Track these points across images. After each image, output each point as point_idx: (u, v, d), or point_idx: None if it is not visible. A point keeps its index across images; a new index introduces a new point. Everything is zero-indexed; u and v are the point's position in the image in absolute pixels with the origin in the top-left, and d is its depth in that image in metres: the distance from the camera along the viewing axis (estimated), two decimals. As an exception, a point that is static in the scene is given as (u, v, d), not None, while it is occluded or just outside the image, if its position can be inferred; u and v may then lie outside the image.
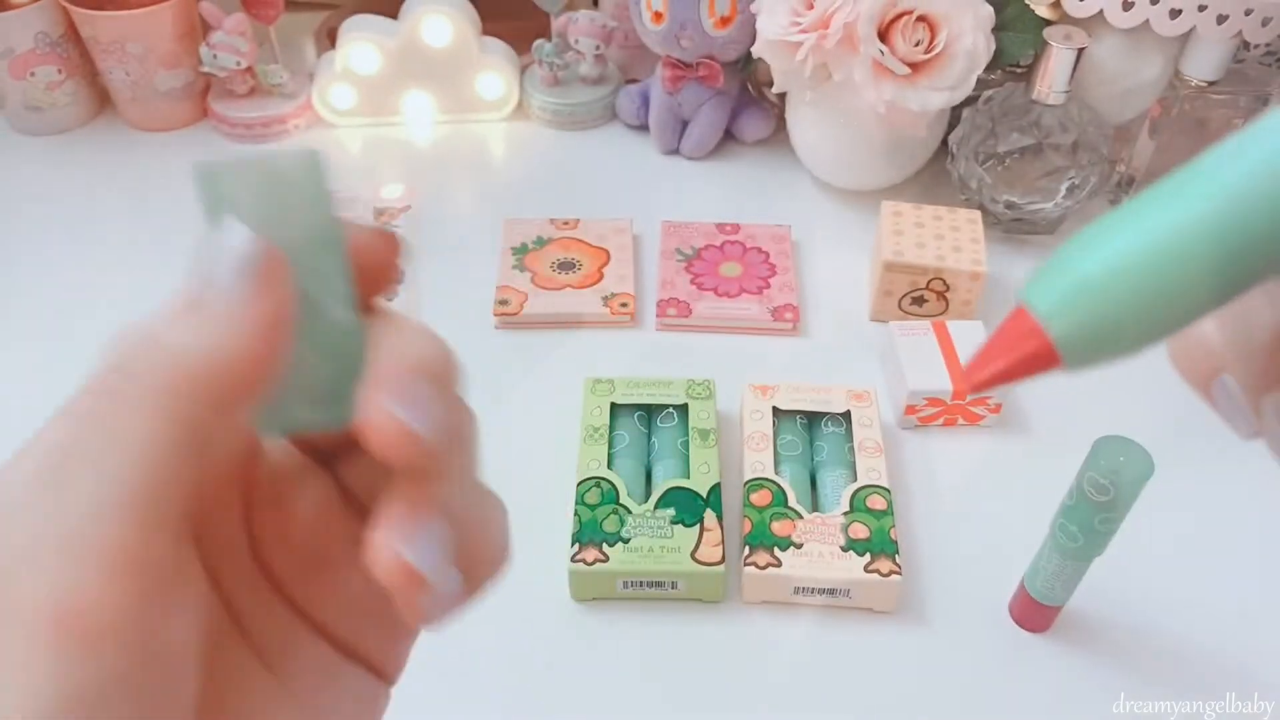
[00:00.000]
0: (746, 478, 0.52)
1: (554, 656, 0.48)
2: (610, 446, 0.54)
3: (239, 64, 0.77)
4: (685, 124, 0.77)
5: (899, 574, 0.48)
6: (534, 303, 0.64)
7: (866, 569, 0.48)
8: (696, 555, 0.49)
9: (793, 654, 0.48)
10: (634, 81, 0.81)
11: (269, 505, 0.20)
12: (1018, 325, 0.18)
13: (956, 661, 0.48)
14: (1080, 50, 0.63)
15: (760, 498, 0.51)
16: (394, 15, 0.77)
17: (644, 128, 0.80)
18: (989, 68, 0.65)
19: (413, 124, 0.81)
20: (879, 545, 0.49)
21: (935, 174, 0.73)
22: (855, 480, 0.52)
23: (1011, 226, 0.70)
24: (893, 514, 0.50)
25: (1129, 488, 0.40)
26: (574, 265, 0.67)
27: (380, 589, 0.18)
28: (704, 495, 0.51)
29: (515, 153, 0.80)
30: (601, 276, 0.66)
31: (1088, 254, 0.17)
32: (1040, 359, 0.18)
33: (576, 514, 0.50)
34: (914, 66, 0.63)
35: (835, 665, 0.48)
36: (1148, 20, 0.65)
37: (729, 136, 0.79)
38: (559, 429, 0.56)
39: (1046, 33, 0.64)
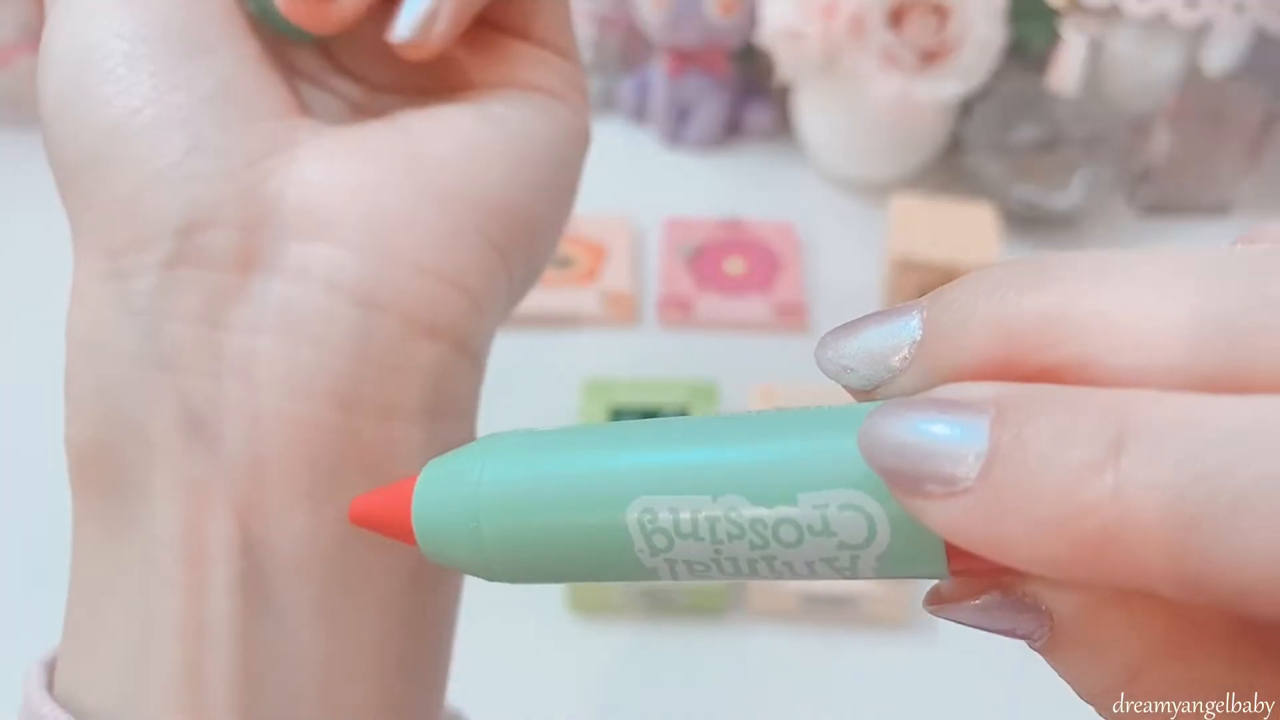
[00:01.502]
0: (751, 483, 0.51)
1: (550, 669, 0.47)
2: (609, 450, 0.52)
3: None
4: (686, 114, 0.76)
5: (909, 583, 0.46)
6: (529, 300, 0.62)
7: (876, 579, 0.47)
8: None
9: (800, 666, 0.47)
10: (633, 71, 0.79)
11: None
12: (398, 493, 0.17)
13: (969, 673, 0.46)
14: (1095, 41, 0.61)
15: (765, 504, 0.49)
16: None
17: (643, 118, 0.78)
18: (1002, 58, 0.64)
19: (407, 116, 0.79)
20: (889, 554, 0.47)
21: (946, 167, 0.71)
22: (864, 486, 0.51)
23: (1026, 221, 0.68)
24: (903, 521, 0.49)
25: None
26: (570, 261, 0.65)
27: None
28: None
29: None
30: (599, 273, 0.64)
31: (491, 464, 0.16)
32: (405, 538, 0.17)
33: (574, 521, 0.49)
34: (924, 56, 0.61)
35: (844, 678, 0.46)
36: (1164, 11, 0.64)
37: (732, 127, 0.77)
38: (556, 431, 0.55)
39: (1060, 23, 0.62)
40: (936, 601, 0.15)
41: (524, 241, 0.20)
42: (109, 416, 0.18)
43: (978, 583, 0.14)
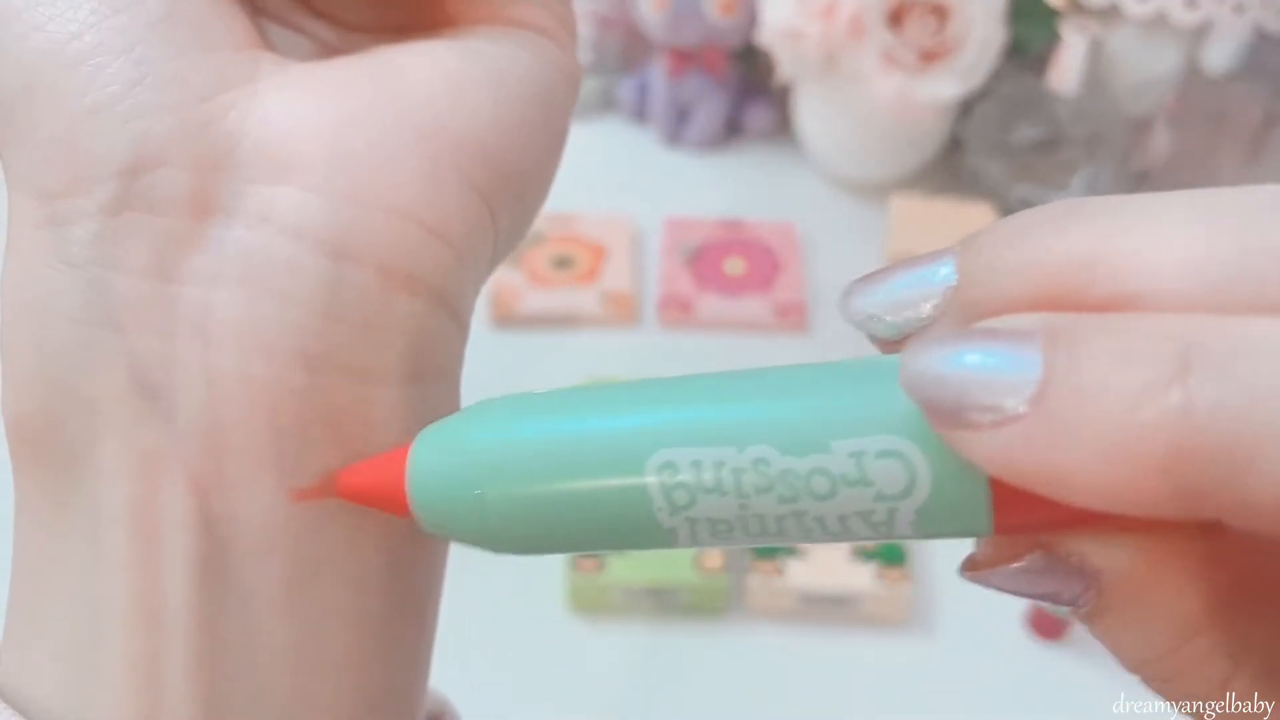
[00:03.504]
0: (751, 483, 0.51)
1: (550, 669, 0.47)
2: (609, 450, 0.52)
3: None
4: (687, 114, 0.76)
5: (909, 582, 0.46)
6: (529, 301, 0.62)
7: (876, 577, 0.46)
8: (698, 563, 0.47)
9: (799, 666, 0.47)
10: (633, 70, 0.79)
11: None
12: (393, 464, 0.15)
13: (968, 673, 0.46)
14: (1095, 41, 0.61)
15: (765, 504, 0.49)
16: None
17: (643, 119, 0.78)
18: (1001, 58, 0.64)
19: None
20: (888, 553, 0.47)
21: (946, 167, 0.71)
22: (864, 485, 0.51)
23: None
24: (903, 521, 0.49)
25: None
26: (571, 261, 0.65)
27: None
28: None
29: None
30: (600, 273, 0.64)
31: (493, 427, 0.15)
32: (396, 509, 0.15)
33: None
34: (924, 56, 0.61)
35: (843, 678, 0.46)
36: (1164, 11, 0.63)
37: (732, 127, 0.77)
38: (556, 431, 0.55)
39: (1060, 23, 0.62)
40: (974, 568, 0.14)
41: (511, 187, 0.19)
42: (50, 382, 0.16)
43: (1018, 544, 0.13)
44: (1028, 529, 0.13)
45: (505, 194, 0.18)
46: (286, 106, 0.17)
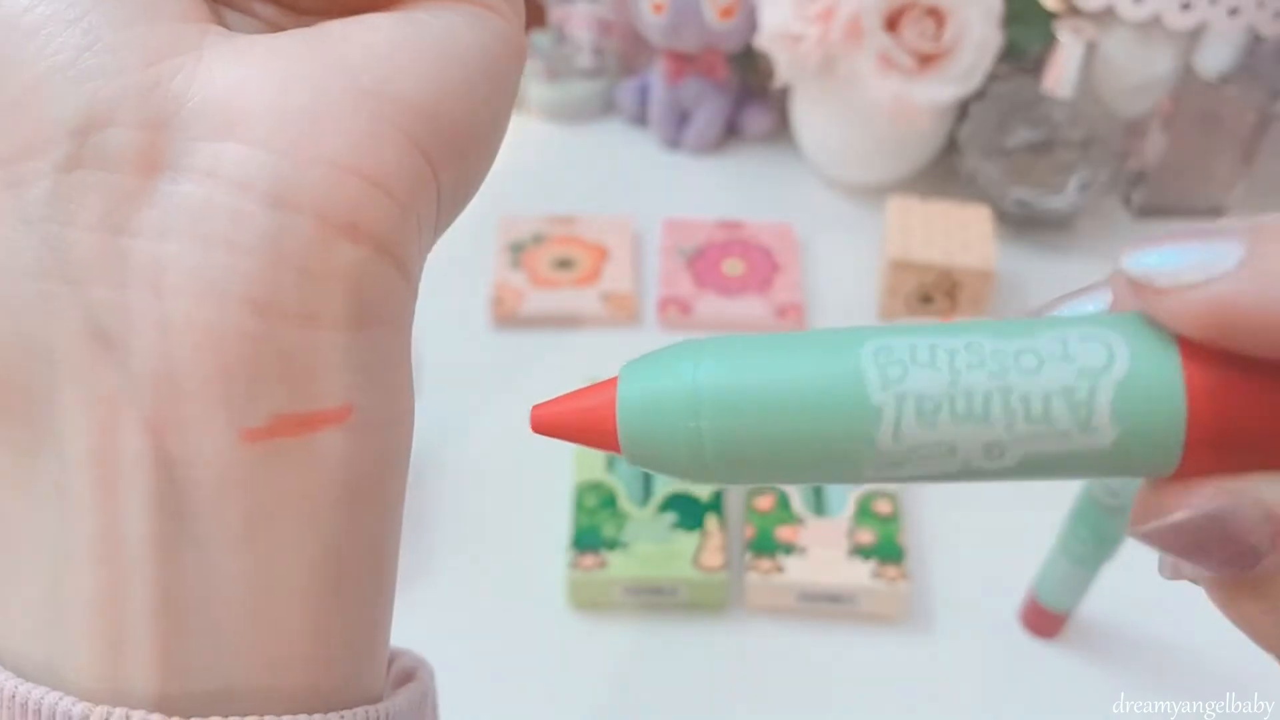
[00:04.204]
0: (749, 481, 0.51)
1: (549, 666, 0.47)
2: (609, 449, 0.53)
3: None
4: (686, 117, 0.76)
5: (906, 580, 0.47)
6: (531, 301, 0.63)
7: (873, 575, 0.47)
8: (698, 561, 0.47)
9: (797, 663, 0.47)
10: (633, 74, 0.80)
11: None
12: (598, 396, 0.16)
13: (966, 670, 0.47)
14: (1090, 44, 0.61)
15: (763, 502, 0.50)
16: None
17: (643, 121, 0.78)
18: (997, 61, 0.64)
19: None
20: (886, 551, 0.48)
21: (942, 169, 0.72)
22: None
23: (1021, 223, 0.68)
24: (900, 519, 0.49)
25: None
26: (572, 262, 0.65)
27: None
28: (705, 500, 0.50)
29: (511, 147, 0.78)
30: (600, 274, 0.65)
31: (706, 362, 0.16)
32: (602, 441, 0.16)
33: (574, 519, 0.49)
34: (921, 59, 0.61)
35: (841, 675, 0.47)
36: (1158, 14, 0.64)
37: (731, 130, 0.77)
38: (556, 430, 0.55)
39: (1056, 26, 0.62)
40: (1148, 517, 0.15)
41: (452, 147, 0.19)
42: (10, 335, 0.17)
43: (1195, 495, 0.14)
44: (1219, 439, 0.14)
45: (447, 152, 0.19)
46: (231, 70, 0.17)
